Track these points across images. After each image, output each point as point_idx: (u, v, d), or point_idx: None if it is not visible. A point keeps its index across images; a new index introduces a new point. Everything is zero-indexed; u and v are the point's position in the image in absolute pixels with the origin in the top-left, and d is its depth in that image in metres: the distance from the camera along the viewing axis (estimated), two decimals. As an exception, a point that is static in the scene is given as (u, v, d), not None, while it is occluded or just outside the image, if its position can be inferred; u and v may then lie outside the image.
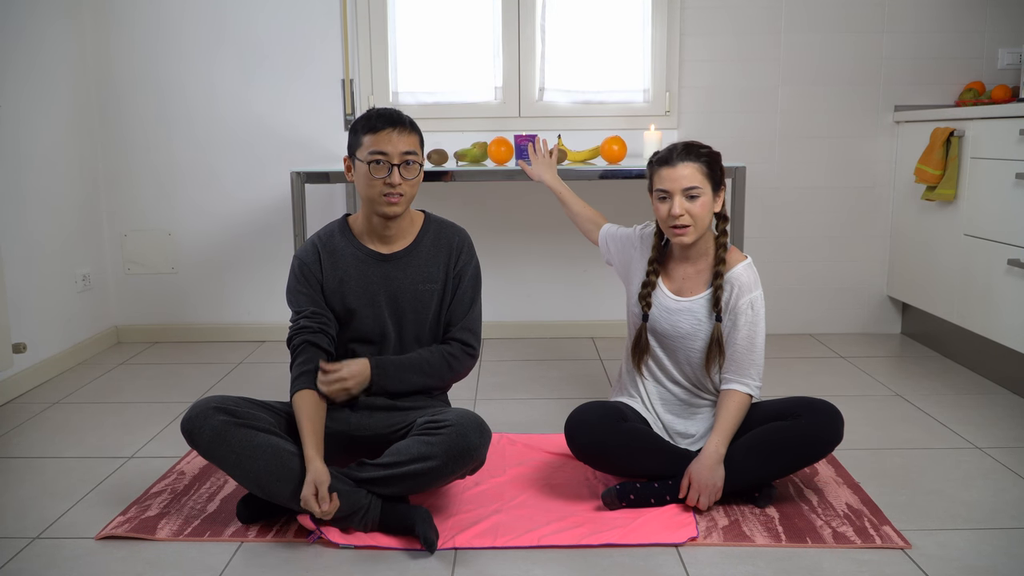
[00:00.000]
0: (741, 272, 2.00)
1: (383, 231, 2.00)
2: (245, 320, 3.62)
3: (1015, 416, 2.57)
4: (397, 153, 1.90)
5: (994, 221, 2.78)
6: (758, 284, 2.01)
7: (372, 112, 1.95)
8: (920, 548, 1.76)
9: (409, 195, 1.95)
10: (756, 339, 1.99)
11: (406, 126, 1.93)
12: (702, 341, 2.01)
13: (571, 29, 3.45)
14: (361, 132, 1.93)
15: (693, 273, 2.05)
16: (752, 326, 1.98)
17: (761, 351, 2.00)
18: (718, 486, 1.89)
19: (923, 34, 3.40)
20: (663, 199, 1.97)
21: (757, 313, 1.98)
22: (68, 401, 2.81)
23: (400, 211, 1.95)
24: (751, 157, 3.46)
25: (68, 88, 3.30)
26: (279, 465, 1.78)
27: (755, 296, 1.99)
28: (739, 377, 1.99)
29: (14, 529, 1.90)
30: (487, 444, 1.85)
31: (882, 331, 3.62)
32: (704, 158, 1.96)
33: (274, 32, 3.43)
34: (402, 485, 1.82)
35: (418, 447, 1.81)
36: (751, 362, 1.98)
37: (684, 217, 1.94)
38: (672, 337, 2.04)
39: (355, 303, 1.99)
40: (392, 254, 2.02)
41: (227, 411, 1.82)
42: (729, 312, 1.99)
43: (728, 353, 1.99)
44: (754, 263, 2.05)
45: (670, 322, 2.04)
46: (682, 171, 1.94)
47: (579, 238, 3.56)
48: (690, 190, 1.93)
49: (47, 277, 3.12)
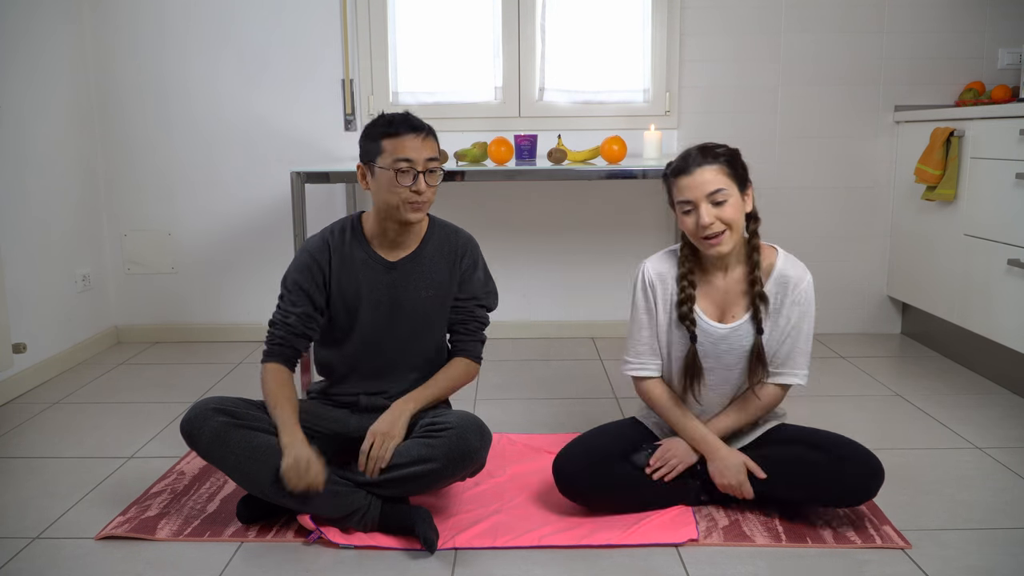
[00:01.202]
0: (784, 266, 1.89)
1: (396, 237, 1.97)
2: (245, 320, 3.62)
3: (1015, 416, 2.57)
4: (422, 160, 1.87)
5: (994, 221, 2.78)
6: (805, 269, 1.90)
7: (390, 117, 1.90)
8: (920, 548, 1.76)
9: (431, 201, 1.92)
10: (811, 326, 1.89)
11: (428, 132, 1.91)
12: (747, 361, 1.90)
13: (571, 29, 3.45)
14: (380, 138, 1.88)
15: (733, 283, 1.91)
16: (809, 315, 1.88)
17: (811, 337, 1.91)
18: (740, 479, 1.86)
19: (923, 34, 3.40)
20: (688, 212, 1.82)
21: (809, 299, 1.88)
22: (68, 401, 2.81)
23: (422, 218, 1.94)
24: (751, 157, 3.38)
25: (69, 88, 3.30)
26: (278, 467, 1.78)
27: (807, 283, 1.88)
28: (792, 369, 1.90)
29: (14, 529, 1.90)
30: (487, 447, 1.85)
31: (882, 331, 3.62)
32: (723, 157, 1.84)
33: (274, 32, 3.43)
34: (402, 487, 1.82)
35: (418, 449, 1.80)
36: (806, 351, 1.90)
37: (715, 225, 1.79)
38: (715, 365, 1.92)
39: (358, 306, 1.98)
40: (398, 261, 1.99)
41: (226, 412, 1.82)
42: (784, 310, 1.87)
43: (786, 348, 1.89)
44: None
45: (715, 353, 1.90)
46: (702, 176, 1.80)
47: (579, 238, 3.57)
48: (715, 194, 1.79)
49: (47, 277, 3.12)
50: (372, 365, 2.02)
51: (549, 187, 3.53)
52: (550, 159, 2.99)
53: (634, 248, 3.50)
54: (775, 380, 1.92)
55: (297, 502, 1.78)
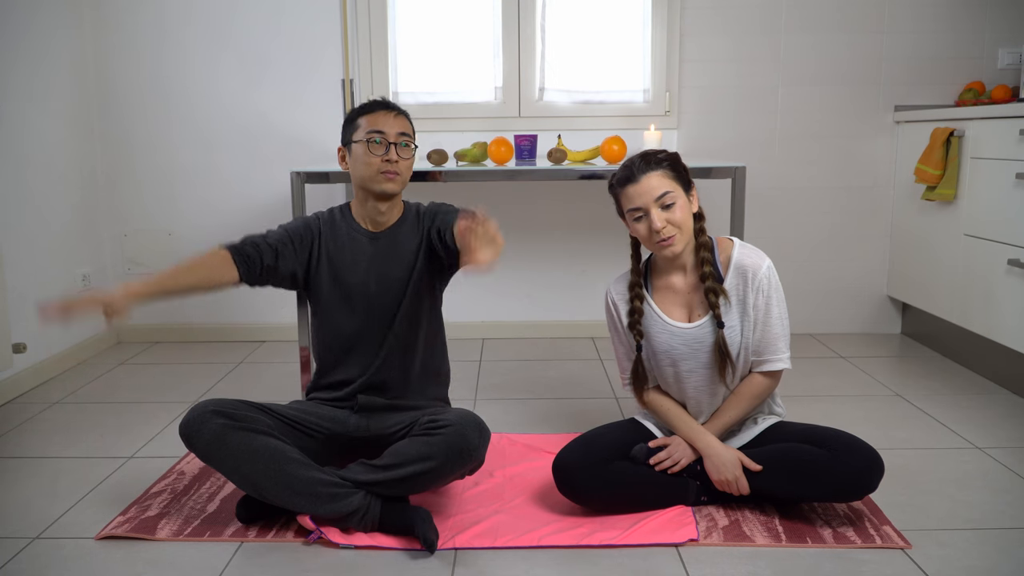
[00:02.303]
0: (740, 255, 1.92)
1: (376, 215, 2.04)
2: (245, 320, 3.62)
3: (1015, 416, 2.57)
4: (393, 133, 1.99)
5: (994, 221, 2.78)
6: (762, 255, 1.92)
7: (366, 101, 2.06)
8: (920, 548, 1.76)
9: (404, 176, 2.02)
10: (782, 309, 1.91)
11: (401, 112, 2.05)
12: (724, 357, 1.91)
13: (571, 29, 3.45)
14: (356, 117, 2.03)
15: (692, 283, 1.95)
16: (775, 300, 1.90)
17: (787, 319, 1.92)
18: (735, 474, 1.87)
19: (923, 34, 3.40)
20: (639, 218, 1.89)
21: (772, 283, 1.90)
22: (68, 401, 2.81)
23: (397, 189, 2.01)
24: (751, 157, 3.46)
25: (69, 88, 3.30)
26: (277, 469, 1.78)
27: (766, 268, 1.90)
28: (773, 355, 1.91)
29: (14, 529, 1.90)
30: (486, 444, 1.85)
31: (882, 331, 3.62)
32: (666, 162, 1.89)
33: (274, 32, 3.43)
34: (402, 487, 1.82)
35: (418, 448, 1.81)
36: (782, 335, 1.91)
37: (667, 228, 1.86)
38: (696, 366, 1.94)
39: (347, 276, 2.03)
40: (380, 232, 2.06)
41: (225, 414, 1.82)
42: (750, 299, 1.89)
43: (760, 335, 1.90)
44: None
45: (691, 354, 1.93)
46: (649, 183, 1.86)
47: (579, 238, 3.57)
48: (663, 197, 1.85)
49: (47, 277, 3.12)
50: (363, 342, 2.03)
51: (549, 187, 3.53)
52: (550, 159, 2.99)
53: (634, 248, 3.50)
54: (759, 368, 1.94)
55: (298, 503, 1.78)
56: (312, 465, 1.83)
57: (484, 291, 3.61)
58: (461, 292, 3.58)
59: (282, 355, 3.33)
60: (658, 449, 1.95)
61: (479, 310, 3.63)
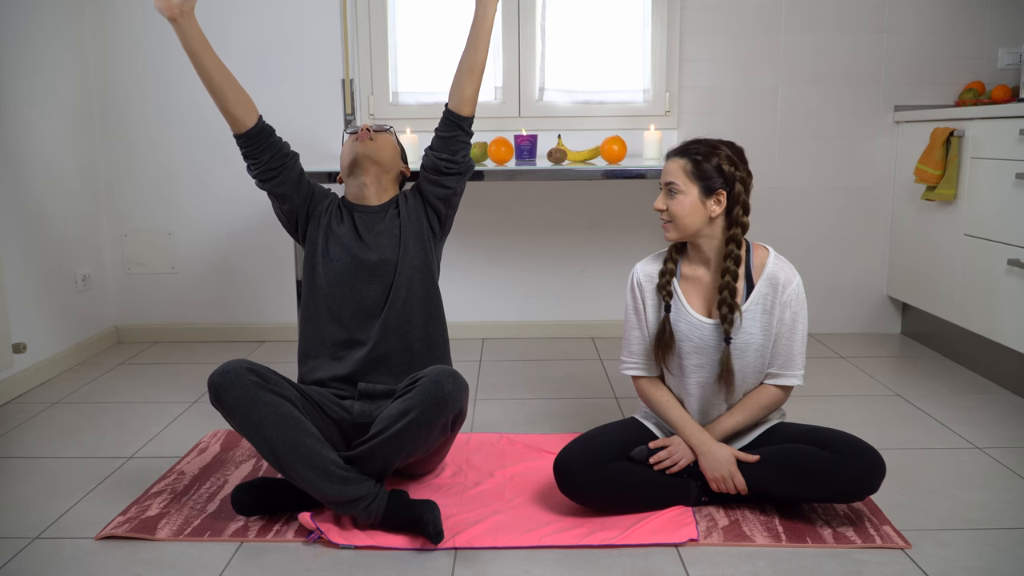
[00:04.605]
0: (774, 266, 1.92)
1: (360, 192, 2.16)
2: (245, 320, 3.62)
3: (1015, 416, 2.57)
4: (367, 127, 2.18)
5: (994, 221, 2.78)
6: (794, 270, 1.93)
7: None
8: (920, 548, 1.76)
9: (380, 145, 2.14)
10: (805, 328, 1.92)
11: (381, 128, 2.22)
12: (741, 354, 1.91)
13: (571, 29, 3.45)
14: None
15: (716, 281, 1.94)
16: (802, 317, 1.91)
17: (807, 338, 1.94)
18: (730, 470, 1.87)
19: (923, 34, 3.41)
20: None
21: (801, 300, 1.91)
22: (68, 401, 2.81)
23: (368, 152, 2.12)
24: (751, 157, 3.42)
25: (70, 89, 3.30)
26: (298, 440, 1.79)
27: (796, 284, 1.90)
28: (787, 370, 1.92)
29: (14, 529, 1.90)
30: (463, 391, 1.86)
31: (882, 331, 3.62)
32: (692, 155, 1.89)
33: (274, 32, 3.43)
34: (391, 448, 1.83)
35: (398, 406, 1.84)
36: (800, 352, 1.92)
37: (664, 213, 1.92)
38: (705, 362, 1.94)
39: (334, 241, 2.10)
40: (367, 206, 2.16)
41: (259, 373, 1.84)
42: (776, 311, 1.89)
43: (781, 349, 1.91)
44: None
45: (704, 349, 1.93)
46: (669, 165, 1.92)
47: (579, 238, 3.57)
48: (670, 185, 1.90)
49: (47, 277, 3.12)
50: (359, 316, 2.07)
51: (549, 187, 3.53)
52: (550, 159, 2.99)
53: (634, 248, 3.50)
54: (773, 382, 1.94)
55: (310, 477, 1.77)
56: (328, 445, 1.85)
57: (484, 291, 3.61)
58: (461, 292, 3.59)
59: (282, 355, 3.33)
60: (658, 449, 1.95)
61: (479, 310, 3.63)
